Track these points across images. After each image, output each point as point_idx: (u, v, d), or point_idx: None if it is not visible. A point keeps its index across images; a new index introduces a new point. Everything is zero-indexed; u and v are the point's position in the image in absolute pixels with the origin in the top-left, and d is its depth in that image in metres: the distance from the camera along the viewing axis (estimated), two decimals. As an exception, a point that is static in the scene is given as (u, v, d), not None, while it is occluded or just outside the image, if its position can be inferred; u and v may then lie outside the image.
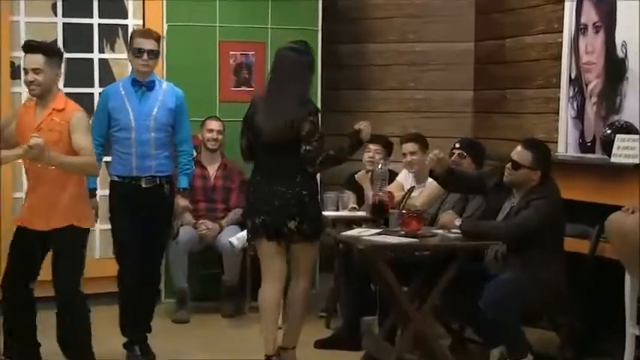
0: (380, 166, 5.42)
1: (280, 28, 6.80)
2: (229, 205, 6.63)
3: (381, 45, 7.66)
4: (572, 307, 4.89)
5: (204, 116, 6.63)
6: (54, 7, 6.50)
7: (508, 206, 4.94)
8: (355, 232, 5.10)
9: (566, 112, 6.10)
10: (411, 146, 6.03)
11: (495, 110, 7.11)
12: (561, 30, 6.18)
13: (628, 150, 4.99)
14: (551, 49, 6.39)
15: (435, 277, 4.90)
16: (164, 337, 5.69)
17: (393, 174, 6.18)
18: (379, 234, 4.98)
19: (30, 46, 4.71)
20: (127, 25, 6.63)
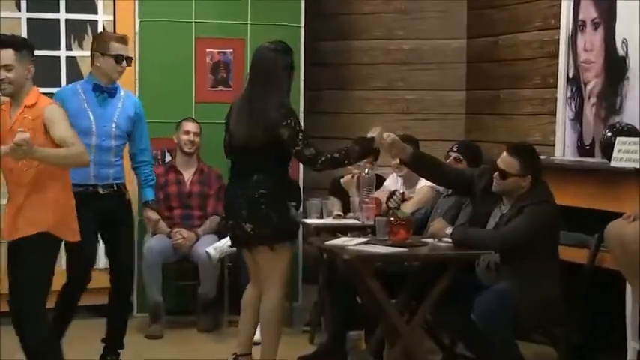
0: (367, 171, 5.44)
1: (260, 24, 6.80)
2: (206, 213, 6.62)
3: (368, 42, 7.68)
4: (570, 319, 4.91)
5: (179, 118, 6.62)
6: (17, 1, 6.48)
7: (498, 213, 4.96)
8: (340, 241, 5.10)
9: (564, 113, 6.12)
10: (402, 148, 6.04)
11: (489, 111, 7.14)
12: (558, 26, 6.21)
13: (629, 154, 4.99)
14: (548, 46, 6.42)
15: (425, 288, 4.91)
16: (137, 353, 5.68)
17: (380, 179, 6.20)
18: (366, 243, 4.98)
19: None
20: (96, 21, 6.62)
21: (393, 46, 7.61)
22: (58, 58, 6.60)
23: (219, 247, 6.14)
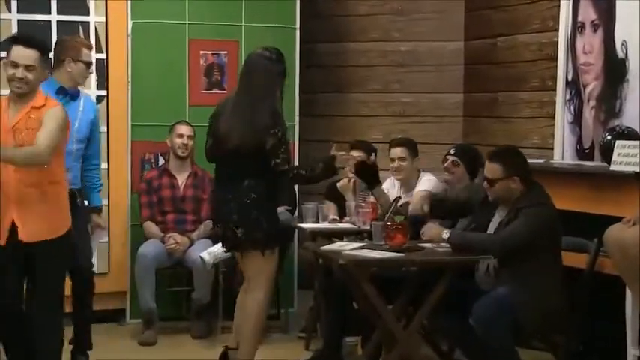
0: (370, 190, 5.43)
1: (255, 25, 6.80)
2: (200, 217, 6.61)
3: (364, 44, 7.69)
4: (570, 325, 4.91)
5: (172, 121, 6.62)
6: (8, 2, 6.47)
7: (498, 219, 4.97)
8: (336, 245, 5.11)
9: (563, 116, 6.13)
10: (400, 151, 6.04)
11: (486, 114, 7.15)
12: (557, 28, 6.22)
13: (628, 157, 4.99)
14: (547, 48, 6.43)
15: (422, 293, 4.92)
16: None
17: (377, 183, 6.19)
18: (362, 248, 4.99)
19: (25, 40, 4.66)
20: (88, 23, 6.61)
21: (389, 48, 7.62)
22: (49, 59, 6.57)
23: (213, 252, 6.13)
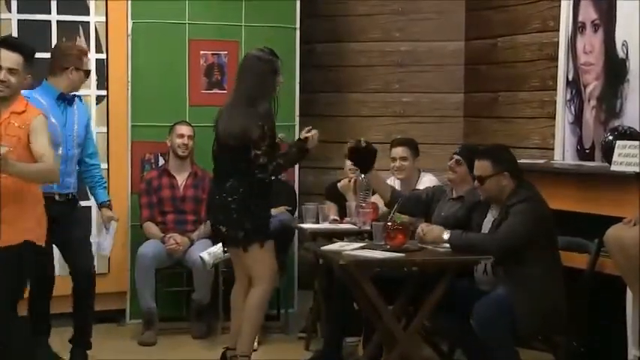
0: (363, 175, 5.45)
1: (255, 25, 6.82)
2: (200, 217, 6.61)
3: (364, 44, 7.71)
4: (570, 326, 4.93)
5: (172, 121, 6.64)
6: (8, 2, 6.49)
7: (490, 218, 5.01)
8: (337, 246, 5.13)
9: (563, 116, 6.15)
10: (402, 151, 6.07)
11: (487, 114, 7.17)
12: (557, 28, 6.24)
13: (629, 157, 5.00)
14: (547, 48, 6.45)
15: (423, 294, 4.95)
16: (129, 360, 5.71)
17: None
18: (362, 248, 5.02)
19: (10, 43, 4.69)
20: (88, 23, 6.63)
21: (389, 48, 7.64)
22: (48, 59, 6.58)
23: (213, 252, 6.14)
